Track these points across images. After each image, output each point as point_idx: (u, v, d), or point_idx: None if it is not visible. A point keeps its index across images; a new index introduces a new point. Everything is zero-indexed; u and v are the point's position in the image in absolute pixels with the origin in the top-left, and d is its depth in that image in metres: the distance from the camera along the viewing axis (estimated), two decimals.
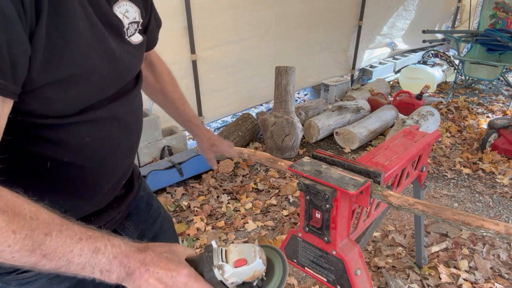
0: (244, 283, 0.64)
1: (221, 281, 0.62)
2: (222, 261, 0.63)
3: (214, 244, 0.65)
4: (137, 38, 0.77)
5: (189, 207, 2.72)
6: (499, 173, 3.12)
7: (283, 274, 0.66)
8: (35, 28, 0.54)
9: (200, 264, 0.64)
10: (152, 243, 0.65)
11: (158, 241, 0.85)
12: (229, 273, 0.62)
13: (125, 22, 0.73)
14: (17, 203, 0.54)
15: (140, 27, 0.78)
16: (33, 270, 0.55)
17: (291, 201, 2.79)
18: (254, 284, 0.64)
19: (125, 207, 0.90)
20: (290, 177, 3.09)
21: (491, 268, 2.11)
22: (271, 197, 2.83)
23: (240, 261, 0.62)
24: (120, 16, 0.71)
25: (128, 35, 0.75)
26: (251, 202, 2.78)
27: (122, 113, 0.76)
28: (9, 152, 0.61)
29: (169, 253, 0.63)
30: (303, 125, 3.69)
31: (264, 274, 0.65)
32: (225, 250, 0.64)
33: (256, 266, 0.62)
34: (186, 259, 0.65)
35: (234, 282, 0.63)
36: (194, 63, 3.35)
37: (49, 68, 0.58)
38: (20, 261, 0.53)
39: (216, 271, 0.61)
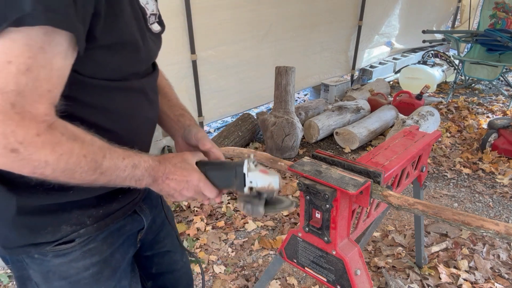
0: (258, 193, 0.83)
1: (244, 174, 0.81)
2: (253, 164, 0.83)
3: (252, 156, 0.87)
4: (156, 27, 0.85)
5: (189, 207, 2.72)
6: (499, 173, 3.12)
7: (290, 203, 0.86)
8: None
9: (223, 166, 0.84)
10: (167, 154, 0.82)
11: (164, 229, 1.08)
12: (252, 171, 0.81)
13: (147, 11, 0.81)
14: (79, 132, 0.66)
15: (157, 19, 0.86)
16: (90, 186, 0.69)
17: None
18: (264, 196, 0.83)
19: (143, 190, 0.94)
20: (290, 177, 3.09)
21: (491, 268, 2.11)
22: None
23: (264, 170, 0.82)
24: (142, 5, 0.79)
25: (150, 23, 0.82)
26: None
27: (147, 89, 0.85)
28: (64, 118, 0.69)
29: (182, 162, 0.81)
30: (303, 125, 3.69)
31: (274, 195, 0.84)
32: (258, 164, 0.84)
33: (272, 180, 0.81)
34: (197, 163, 0.84)
35: (252, 183, 0.82)
36: (194, 63, 3.35)
37: (108, 30, 0.66)
38: (84, 179, 0.67)
39: (245, 164, 0.82)
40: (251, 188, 0.83)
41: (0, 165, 0.59)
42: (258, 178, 0.82)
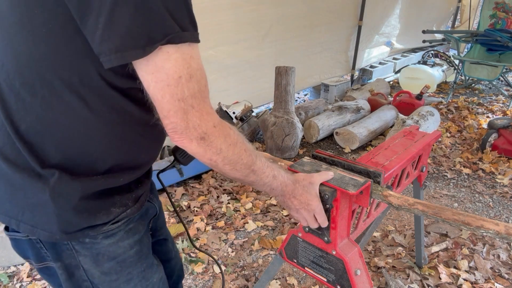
0: (242, 119, 1.44)
1: (226, 111, 1.36)
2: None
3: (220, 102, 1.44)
4: None
5: (189, 207, 2.72)
6: (499, 173, 3.12)
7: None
8: None
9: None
10: (298, 175, 0.98)
11: (160, 218, 1.14)
12: (229, 107, 1.86)
13: None
14: (237, 132, 0.80)
15: None
16: (239, 181, 0.84)
17: None
18: (247, 115, 1.42)
19: (150, 180, 1.02)
20: None
21: (491, 268, 2.11)
22: (271, 197, 2.83)
23: (235, 101, 1.90)
24: None
25: None
26: (251, 202, 2.78)
27: None
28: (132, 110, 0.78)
29: (309, 186, 0.96)
30: (303, 125, 3.69)
31: (253, 111, 1.44)
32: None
33: (244, 103, 1.88)
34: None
35: (235, 113, 1.40)
36: None
37: None
38: (241, 172, 0.81)
39: (222, 106, 1.34)
40: (236, 118, 1.22)
41: (191, 149, 0.74)
42: (235, 108, 1.25)
